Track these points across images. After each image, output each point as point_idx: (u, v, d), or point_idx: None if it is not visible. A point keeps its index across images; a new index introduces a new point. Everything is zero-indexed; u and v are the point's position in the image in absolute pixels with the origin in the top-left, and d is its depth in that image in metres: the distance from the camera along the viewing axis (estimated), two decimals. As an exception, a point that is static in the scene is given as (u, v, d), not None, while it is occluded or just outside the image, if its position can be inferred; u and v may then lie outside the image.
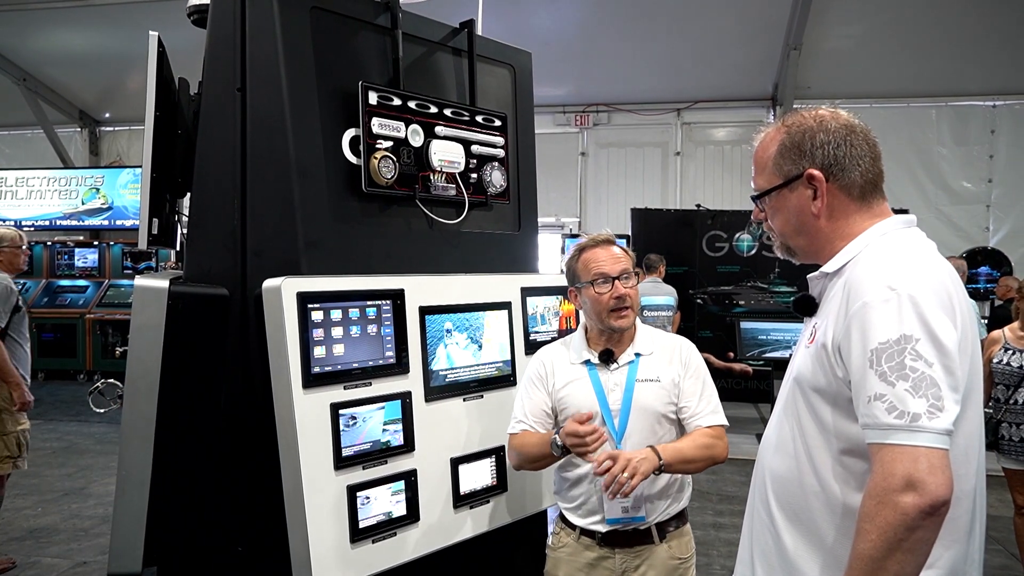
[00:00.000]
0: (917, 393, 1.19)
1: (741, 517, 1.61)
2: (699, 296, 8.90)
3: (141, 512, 1.98)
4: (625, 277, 2.11)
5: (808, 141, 1.42)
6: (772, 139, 1.49)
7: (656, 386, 2.09)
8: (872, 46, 9.40)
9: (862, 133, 1.44)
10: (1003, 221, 10.06)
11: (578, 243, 2.24)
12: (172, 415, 2.02)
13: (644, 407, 2.07)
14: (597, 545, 2.10)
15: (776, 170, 1.47)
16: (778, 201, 1.48)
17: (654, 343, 2.18)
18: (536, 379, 2.21)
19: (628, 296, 2.10)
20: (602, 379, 2.12)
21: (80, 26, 10.43)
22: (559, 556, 2.17)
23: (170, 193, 2.49)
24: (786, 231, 1.50)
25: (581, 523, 2.12)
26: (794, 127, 1.45)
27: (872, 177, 1.43)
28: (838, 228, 1.43)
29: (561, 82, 10.38)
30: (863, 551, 1.19)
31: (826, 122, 1.43)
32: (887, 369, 1.21)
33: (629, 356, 2.14)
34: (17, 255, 4.33)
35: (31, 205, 11.51)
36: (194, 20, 2.37)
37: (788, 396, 1.47)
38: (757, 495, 1.52)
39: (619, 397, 2.08)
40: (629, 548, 2.08)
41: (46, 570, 4.22)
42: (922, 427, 1.17)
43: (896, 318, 1.23)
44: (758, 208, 1.54)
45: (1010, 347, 4.01)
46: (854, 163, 1.41)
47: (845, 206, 1.42)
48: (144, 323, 2.00)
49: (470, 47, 2.63)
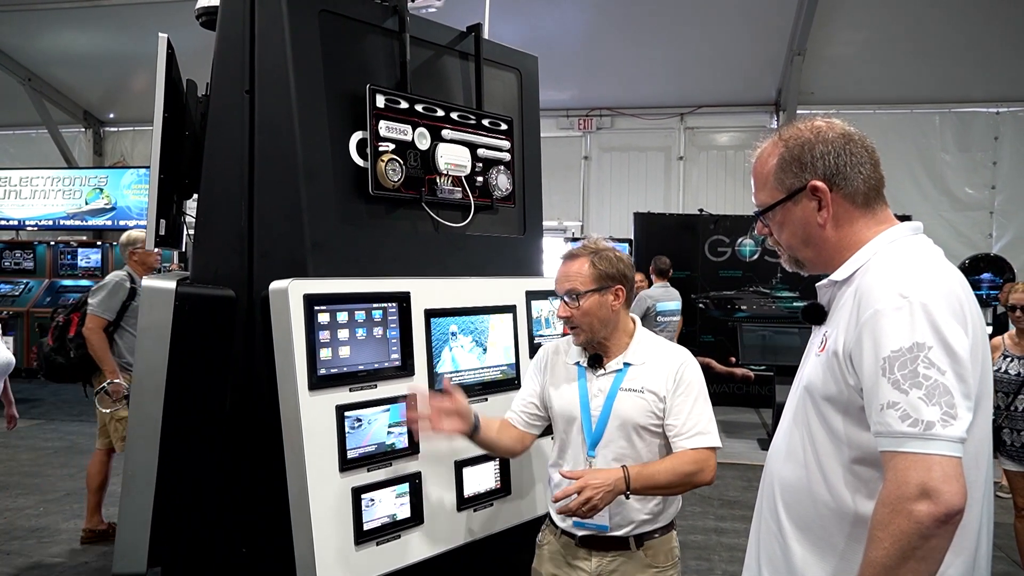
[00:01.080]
0: (931, 401, 1.19)
1: (743, 522, 1.61)
2: (701, 301, 8.90)
3: (147, 512, 1.99)
4: (572, 297, 2.02)
5: (808, 153, 1.42)
6: (770, 153, 1.49)
7: (639, 397, 2.02)
8: (876, 52, 9.41)
9: (859, 140, 1.44)
10: (1006, 228, 10.06)
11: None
12: (178, 416, 2.02)
13: (623, 417, 2.01)
14: (575, 546, 2.10)
15: (778, 184, 1.46)
16: (783, 215, 1.48)
17: (650, 354, 2.08)
18: (535, 368, 2.22)
19: (570, 316, 2.03)
20: (588, 383, 2.10)
21: (85, 26, 10.46)
22: (543, 553, 2.19)
23: (177, 194, 2.50)
24: (793, 244, 1.50)
25: (562, 524, 2.12)
26: (792, 140, 1.45)
27: (874, 183, 1.43)
28: (845, 237, 1.43)
29: (565, 86, 10.39)
30: (876, 559, 1.19)
31: (823, 132, 1.43)
32: (900, 377, 1.21)
33: (618, 364, 2.08)
34: (149, 255, 4.57)
35: (35, 205, 11.53)
36: (203, 22, 2.39)
37: (798, 405, 1.46)
38: (765, 504, 1.52)
39: (600, 404, 2.05)
40: (604, 552, 2.07)
41: (47, 570, 4.22)
42: (936, 435, 1.17)
43: (908, 326, 1.23)
44: (762, 224, 1.54)
45: (1008, 354, 4.03)
46: (855, 171, 1.41)
47: (850, 214, 1.42)
48: (151, 324, 2.01)
49: (477, 51, 2.63)
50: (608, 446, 2.03)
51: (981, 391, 1.30)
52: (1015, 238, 10.01)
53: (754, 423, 8.27)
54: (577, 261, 2.05)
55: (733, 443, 7.49)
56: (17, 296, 10.62)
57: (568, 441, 2.10)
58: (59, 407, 8.63)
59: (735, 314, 8.71)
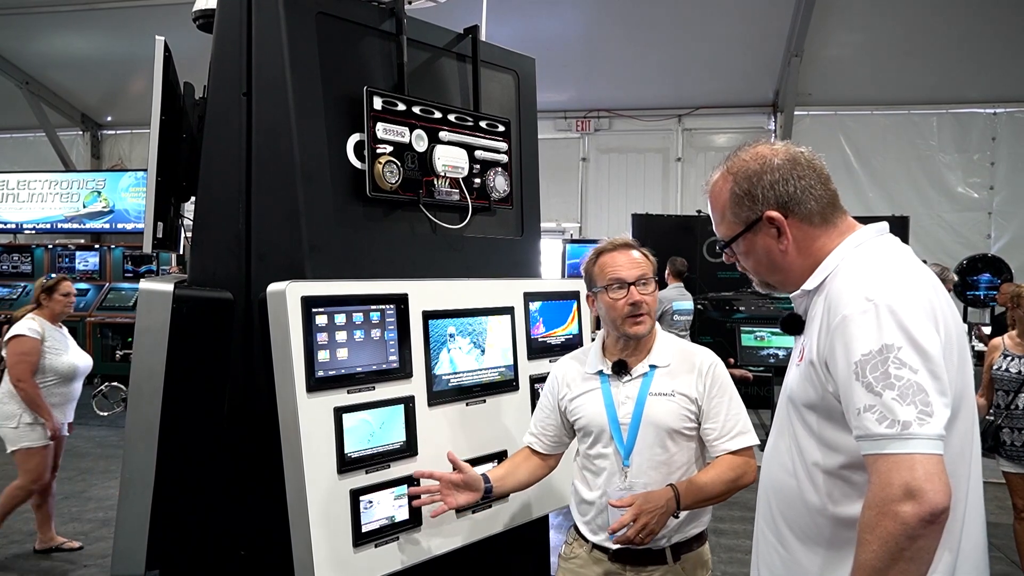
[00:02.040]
0: (905, 401, 1.19)
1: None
2: (700, 302, 8.90)
3: (144, 515, 1.99)
4: (643, 283, 2.02)
5: (756, 185, 1.43)
6: (721, 188, 1.50)
7: (670, 401, 2.00)
8: (873, 53, 9.43)
9: (806, 162, 1.44)
10: (1005, 228, 10.07)
11: (596, 246, 2.15)
12: (176, 419, 2.02)
13: (655, 422, 1.98)
14: (608, 560, 2.06)
15: (734, 218, 1.48)
16: (746, 246, 1.49)
17: (673, 354, 2.07)
18: (548, 389, 2.20)
19: (644, 302, 2.01)
20: (613, 391, 2.05)
21: (82, 30, 10.46)
22: (571, 567, 2.13)
23: (175, 197, 2.50)
24: (760, 271, 1.52)
25: (594, 539, 2.07)
26: (740, 174, 1.46)
27: (827, 200, 1.44)
28: (809, 257, 1.44)
29: (563, 87, 10.40)
30: (865, 561, 1.19)
31: (768, 160, 1.44)
32: (872, 380, 1.22)
33: (643, 368, 2.05)
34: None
35: (32, 208, 11.52)
36: (200, 25, 2.39)
37: (783, 415, 1.48)
38: (762, 515, 1.52)
39: (629, 411, 2.01)
40: (641, 567, 2.03)
41: (46, 574, 4.21)
42: (913, 434, 1.18)
43: (875, 328, 1.24)
44: (728, 254, 1.56)
45: (1009, 353, 4.07)
46: (806, 194, 1.42)
47: (810, 234, 1.43)
48: (149, 326, 2.01)
49: (474, 52, 2.64)
50: (642, 453, 1.99)
51: (962, 388, 1.31)
52: (1013, 238, 10.01)
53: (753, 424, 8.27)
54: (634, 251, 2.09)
55: (732, 444, 7.49)
56: (15, 300, 10.61)
57: (600, 453, 2.05)
58: (57, 410, 8.60)
59: (733, 315, 8.72)
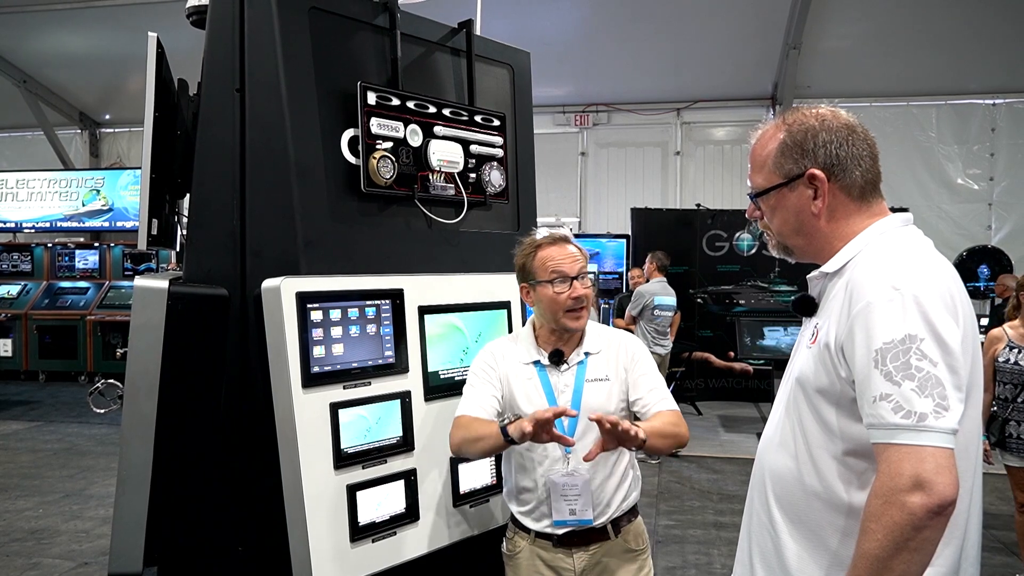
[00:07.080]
0: (923, 393, 1.19)
1: (742, 517, 1.61)
2: (699, 295, 8.90)
3: (141, 512, 1.99)
4: (583, 277, 2.09)
5: (811, 140, 1.41)
6: (771, 137, 1.47)
7: (605, 385, 2.09)
8: (872, 45, 9.40)
9: (862, 133, 1.43)
10: (1005, 219, 10.05)
11: (532, 239, 2.16)
12: (172, 415, 2.02)
13: (595, 408, 2.01)
14: (553, 547, 2.07)
15: (776, 168, 1.45)
16: (777, 200, 1.47)
17: (601, 341, 2.16)
18: (485, 372, 2.13)
19: (585, 296, 2.08)
20: (552, 380, 2.10)
21: (80, 28, 10.43)
22: (518, 562, 2.13)
23: (170, 194, 2.49)
24: (784, 230, 1.49)
25: (536, 527, 2.09)
26: (795, 125, 1.43)
27: (872, 177, 1.42)
28: (837, 228, 1.42)
29: (561, 82, 10.37)
30: (868, 550, 1.19)
31: (828, 121, 1.42)
32: (892, 369, 1.21)
33: (579, 356, 2.12)
34: None
35: (32, 207, 11.51)
36: (193, 21, 2.38)
37: (789, 397, 1.46)
38: (756, 496, 1.52)
39: (569, 399, 2.07)
40: (586, 547, 2.07)
41: (47, 571, 4.23)
42: (929, 427, 1.17)
43: (900, 318, 1.23)
44: (754, 206, 1.53)
45: (1015, 345, 3.96)
46: (855, 163, 1.40)
47: (845, 206, 1.42)
48: (144, 323, 2.01)
49: (468, 47, 2.63)
50: (585, 437, 2.01)
51: (971, 382, 1.30)
52: (1014, 230, 10.00)
53: (753, 417, 8.28)
54: (571, 245, 2.15)
55: (732, 437, 7.50)
56: (15, 299, 10.63)
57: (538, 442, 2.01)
58: (58, 409, 8.64)
59: (733, 309, 8.72)
